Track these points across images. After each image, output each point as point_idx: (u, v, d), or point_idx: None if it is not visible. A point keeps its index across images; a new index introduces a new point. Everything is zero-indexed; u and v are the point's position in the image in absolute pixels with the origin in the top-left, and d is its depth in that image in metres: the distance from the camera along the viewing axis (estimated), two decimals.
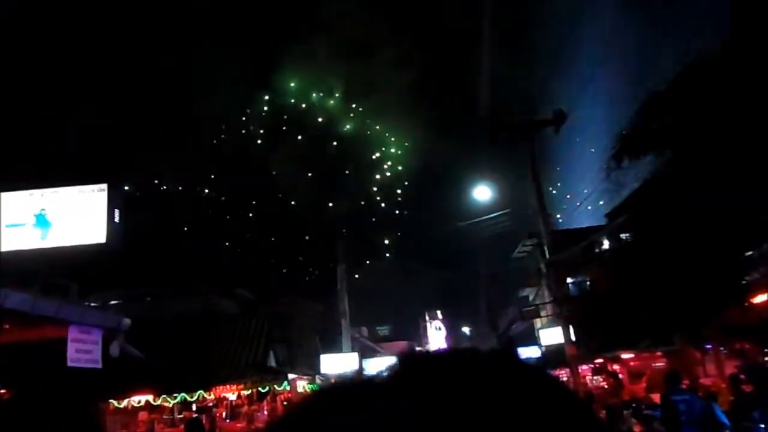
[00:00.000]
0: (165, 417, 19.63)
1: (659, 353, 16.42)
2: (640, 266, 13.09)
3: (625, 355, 17.43)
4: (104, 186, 8.24)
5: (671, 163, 11.47)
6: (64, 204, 8.15)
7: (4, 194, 8.41)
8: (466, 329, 65.31)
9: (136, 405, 17.74)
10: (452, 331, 66.16)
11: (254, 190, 31.56)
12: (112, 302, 22.70)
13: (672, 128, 11.54)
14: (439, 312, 62.74)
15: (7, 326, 7.49)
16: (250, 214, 31.50)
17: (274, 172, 30.68)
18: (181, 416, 19.53)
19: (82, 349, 7.91)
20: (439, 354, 0.63)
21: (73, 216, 8.09)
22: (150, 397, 17.64)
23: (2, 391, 10.68)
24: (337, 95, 33.64)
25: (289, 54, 33.39)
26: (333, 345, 28.18)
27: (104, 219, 8.01)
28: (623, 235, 17.83)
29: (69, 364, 7.61)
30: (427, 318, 60.58)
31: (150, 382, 16.96)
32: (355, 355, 27.15)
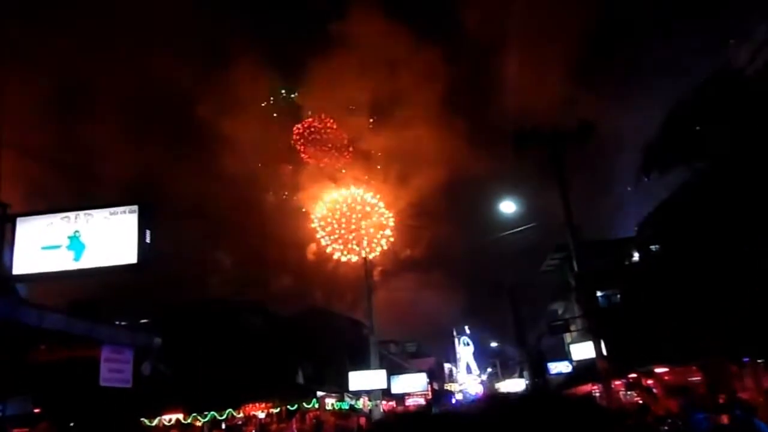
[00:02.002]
0: None
1: (695, 367, 16.02)
2: (673, 278, 12.85)
3: (659, 369, 17.03)
4: (135, 207, 8.40)
5: (701, 173, 11.29)
6: (97, 226, 8.33)
7: (41, 216, 8.63)
8: (494, 344, 64.67)
9: (167, 423, 17.86)
10: (480, 346, 65.51)
11: None
12: (143, 321, 22.99)
13: (700, 139, 11.38)
14: (467, 327, 62.28)
15: (43, 347, 7.65)
16: None
17: None
18: None
19: (115, 369, 8.03)
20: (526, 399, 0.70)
21: (106, 237, 8.27)
22: (180, 416, 17.76)
23: (36, 410, 10.87)
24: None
25: None
26: (361, 361, 28.07)
27: (135, 240, 8.16)
28: (653, 247, 17.52)
29: (102, 383, 7.72)
30: (455, 333, 60.17)
31: (180, 401, 17.09)
32: (383, 372, 26.97)
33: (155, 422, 17.59)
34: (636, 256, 20.70)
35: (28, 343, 7.34)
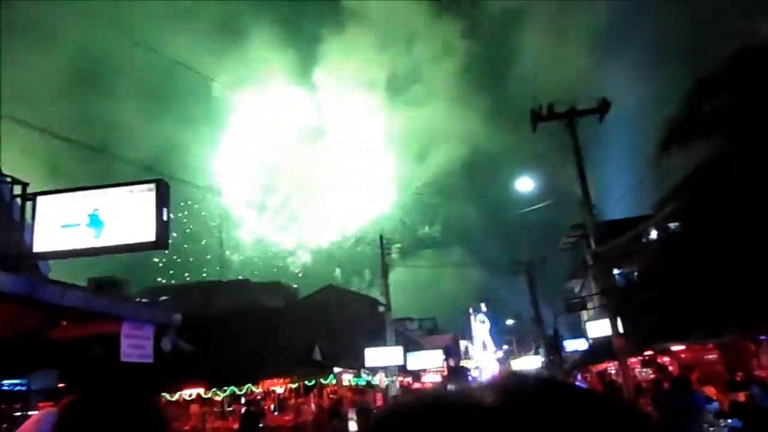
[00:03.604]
0: (216, 410, 20.11)
1: (711, 345, 15.95)
2: (692, 256, 12.72)
3: (675, 347, 16.99)
4: (152, 185, 8.47)
5: (723, 148, 11.10)
6: (115, 204, 8.42)
7: (61, 195, 8.74)
8: (510, 321, 64.77)
9: (187, 398, 18.22)
10: (496, 323, 65.66)
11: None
12: (163, 297, 23.35)
13: (724, 113, 11.16)
14: (483, 304, 62.37)
15: (65, 323, 7.79)
16: None
17: None
18: (231, 409, 19.98)
19: (135, 345, 8.16)
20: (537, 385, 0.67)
21: (124, 215, 8.35)
22: (201, 391, 18.09)
23: (61, 384, 11.13)
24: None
25: None
26: (377, 338, 28.31)
27: (153, 217, 8.24)
28: (672, 225, 17.34)
29: (122, 359, 7.86)
30: (471, 311, 60.30)
31: (200, 376, 17.40)
32: (399, 349, 27.19)
33: (176, 396, 17.95)
34: (654, 234, 20.50)
35: (49, 319, 7.49)
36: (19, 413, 11.81)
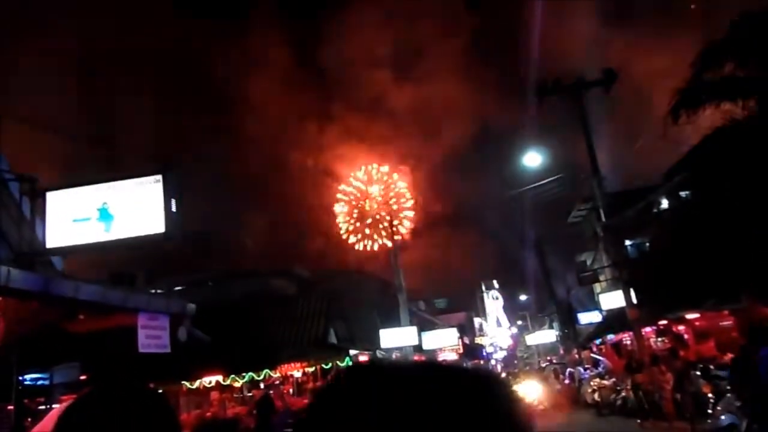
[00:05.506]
0: (235, 395, 20.38)
1: (726, 312, 15.91)
2: (704, 223, 12.65)
3: (689, 316, 16.96)
4: (159, 177, 8.47)
5: (732, 115, 10.97)
6: (123, 196, 8.43)
7: (70, 189, 8.78)
8: (523, 297, 64.88)
9: (207, 385, 18.46)
10: (509, 299, 65.76)
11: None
12: (177, 288, 23.48)
13: (732, 79, 11.02)
14: (495, 282, 62.39)
15: (82, 317, 7.87)
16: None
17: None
18: (251, 394, 20.22)
19: (152, 335, 8.24)
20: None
21: (133, 208, 8.37)
22: (220, 378, 18.31)
23: (83, 377, 11.29)
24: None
25: None
26: (391, 319, 28.44)
27: (162, 209, 8.26)
28: (683, 193, 17.21)
29: (140, 350, 7.95)
30: (483, 288, 60.35)
31: (218, 364, 17.59)
32: (413, 329, 27.32)
33: (197, 384, 18.20)
34: (664, 204, 20.37)
35: (67, 313, 7.57)
36: (43, 407, 12.01)
